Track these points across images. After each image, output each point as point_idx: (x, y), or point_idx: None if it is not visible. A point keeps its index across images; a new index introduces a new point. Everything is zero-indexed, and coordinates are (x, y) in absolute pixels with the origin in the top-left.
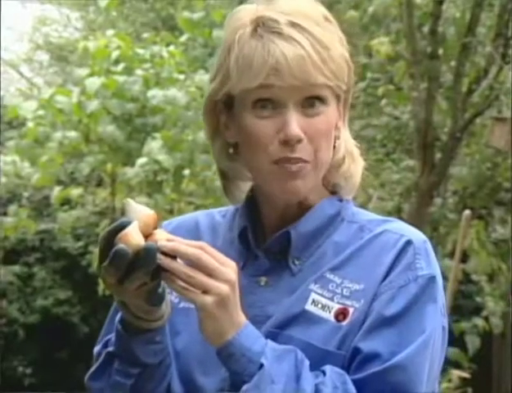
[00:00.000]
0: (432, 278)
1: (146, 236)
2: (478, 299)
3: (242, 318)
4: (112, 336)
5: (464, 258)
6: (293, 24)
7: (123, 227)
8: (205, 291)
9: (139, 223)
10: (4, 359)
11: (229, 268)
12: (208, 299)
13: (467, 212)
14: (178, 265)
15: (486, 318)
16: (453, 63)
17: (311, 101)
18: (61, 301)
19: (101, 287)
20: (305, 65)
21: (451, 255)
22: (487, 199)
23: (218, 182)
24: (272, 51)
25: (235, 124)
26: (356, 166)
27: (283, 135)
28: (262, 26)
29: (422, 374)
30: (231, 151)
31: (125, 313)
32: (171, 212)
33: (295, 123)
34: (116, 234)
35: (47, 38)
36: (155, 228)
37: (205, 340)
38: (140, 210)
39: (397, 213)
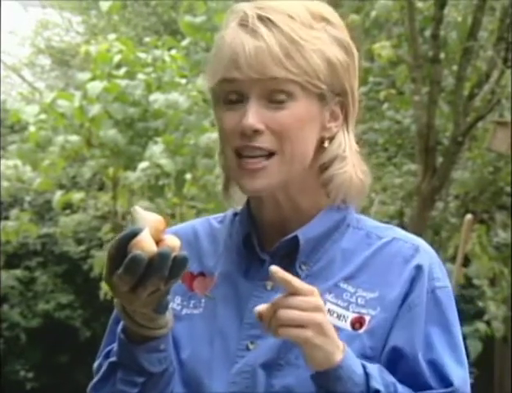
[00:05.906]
0: (449, 289)
1: (157, 241)
2: (480, 303)
3: (339, 340)
4: (113, 346)
5: (466, 262)
6: (260, 18)
7: (135, 234)
8: (302, 326)
9: (150, 229)
10: (6, 363)
11: (313, 295)
12: (308, 332)
13: (469, 216)
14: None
15: (488, 323)
16: (455, 67)
17: (276, 95)
18: (63, 305)
19: (102, 291)
20: (263, 57)
21: (453, 259)
22: (489, 203)
23: (220, 187)
24: (234, 43)
25: None
26: (348, 170)
27: (240, 126)
28: (237, 20)
29: None
30: None
31: (129, 323)
32: (173, 216)
33: (252, 114)
34: (128, 242)
35: (48, 43)
36: (164, 233)
37: (313, 369)
38: (149, 217)
39: (399, 217)
